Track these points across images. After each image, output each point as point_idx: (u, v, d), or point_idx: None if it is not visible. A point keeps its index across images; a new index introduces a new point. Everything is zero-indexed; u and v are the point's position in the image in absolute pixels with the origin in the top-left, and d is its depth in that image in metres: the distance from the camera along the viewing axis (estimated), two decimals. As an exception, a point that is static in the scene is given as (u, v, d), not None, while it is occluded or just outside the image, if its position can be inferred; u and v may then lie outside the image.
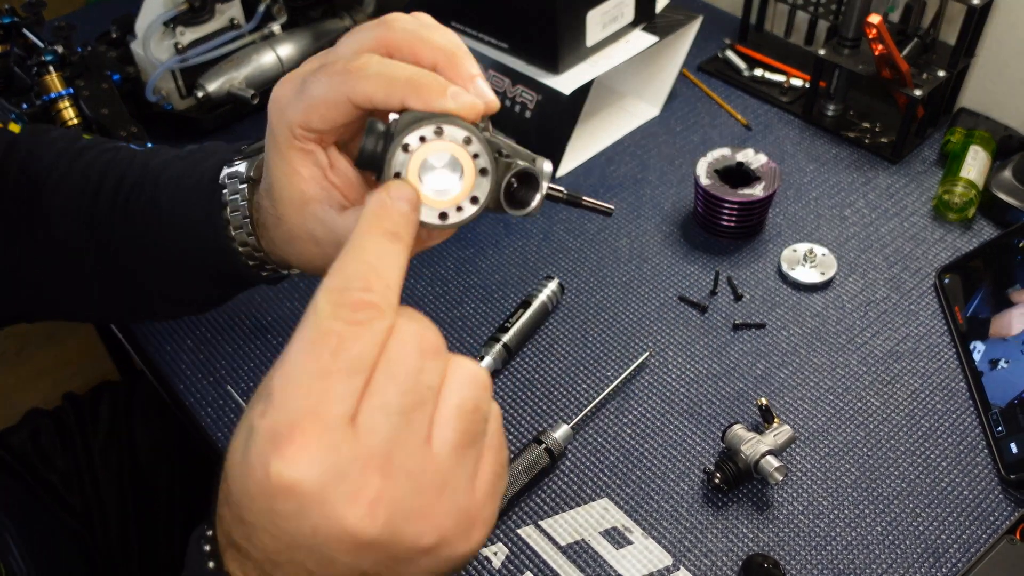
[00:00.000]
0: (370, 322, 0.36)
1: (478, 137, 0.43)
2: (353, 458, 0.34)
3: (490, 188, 0.43)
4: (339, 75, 0.45)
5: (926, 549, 0.72)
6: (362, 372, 0.35)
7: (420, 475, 0.36)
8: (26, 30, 1.04)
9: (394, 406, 0.35)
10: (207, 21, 1.08)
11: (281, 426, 0.34)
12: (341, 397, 0.35)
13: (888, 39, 0.93)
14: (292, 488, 0.34)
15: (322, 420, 0.34)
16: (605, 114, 1.13)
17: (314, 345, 0.35)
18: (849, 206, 1.00)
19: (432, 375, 0.37)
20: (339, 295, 0.36)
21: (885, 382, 0.84)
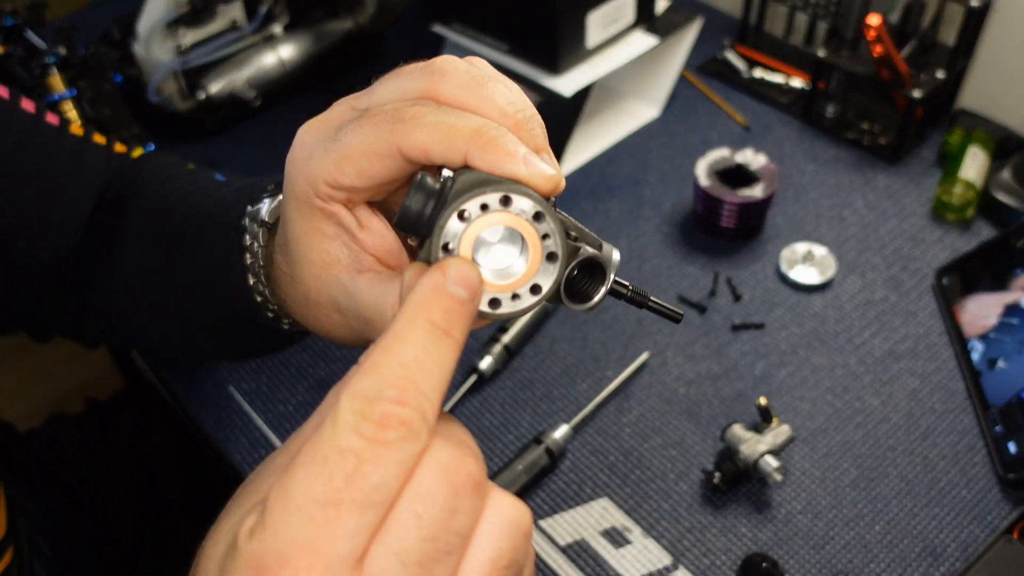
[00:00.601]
0: (399, 444, 0.29)
1: (551, 214, 0.35)
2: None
3: (556, 279, 0.36)
4: (387, 123, 0.37)
5: (924, 548, 0.72)
6: (380, 506, 0.29)
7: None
8: (29, 31, 1.04)
9: (413, 553, 0.29)
10: (208, 22, 1.08)
11: (270, 557, 0.28)
12: (350, 534, 0.29)
13: (887, 40, 0.93)
14: None
15: (322, 560, 0.28)
16: (605, 115, 1.14)
17: (327, 465, 0.29)
18: (848, 207, 1.00)
19: (465, 518, 0.31)
20: (366, 405, 0.30)
21: (884, 382, 0.84)
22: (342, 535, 0.28)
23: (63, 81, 1.01)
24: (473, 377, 0.85)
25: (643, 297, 0.42)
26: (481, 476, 0.31)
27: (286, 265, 0.46)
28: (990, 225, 0.97)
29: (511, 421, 0.83)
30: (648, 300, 0.42)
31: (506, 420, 0.83)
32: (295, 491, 0.29)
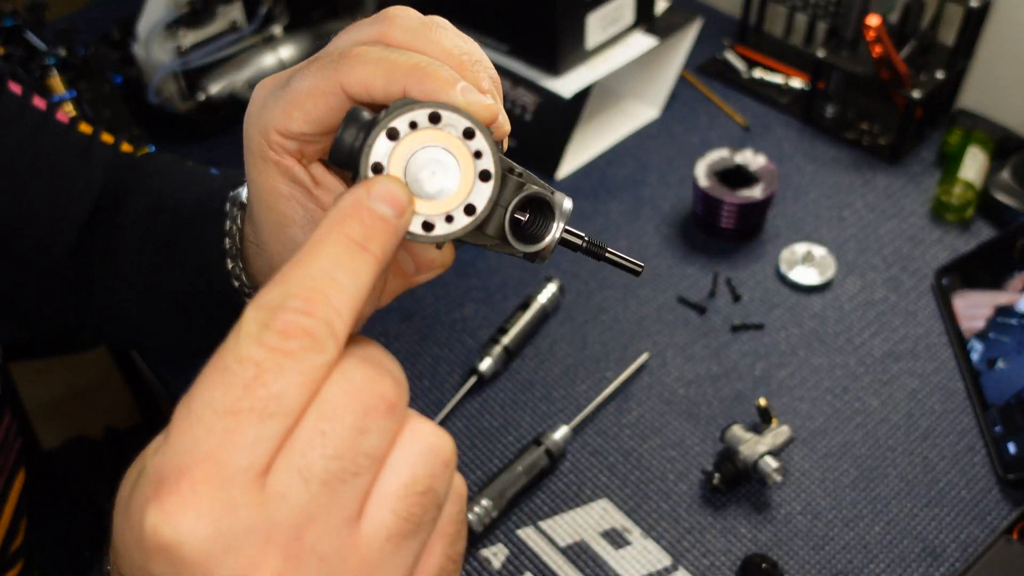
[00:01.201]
0: (302, 354, 0.28)
1: (483, 131, 0.34)
2: (252, 527, 0.27)
3: (490, 198, 0.34)
4: (331, 62, 0.38)
5: (924, 549, 0.72)
6: (280, 417, 0.28)
7: (338, 563, 0.29)
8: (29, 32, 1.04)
9: (317, 471, 0.28)
10: (208, 23, 1.08)
11: (168, 469, 0.27)
12: (248, 444, 0.28)
13: (887, 40, 0.93)
14: (169, 550, 0.27)
15: (220, 470, 0.27)
16: (605, 116, 1.14)
17: (226, 374, 0.28)
18: (848, 207, 1.00)
19: (377, 439, 0.29)
20: (269, 314, 0.29)
21: (883, 382, 0.84)
22: (240, 445, 0.27)
23: (63, 82, 1.01)
24: (473, 378, 0.85)
25: (600, 248, 0.41)
26: (397, 399, 0.31)
27: (252, 234, 0.46)
28: (990, 225, 0.97)
29: (511, 422, 0.83)
30: (605, 251, 0.41)
31: (506, 421, 0.83)
32: (195, 403, 0.28)
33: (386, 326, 0.91)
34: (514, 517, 0.76)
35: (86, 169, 0.66)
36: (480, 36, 1.04)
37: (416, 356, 0.88)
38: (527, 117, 1.06)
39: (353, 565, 0.29)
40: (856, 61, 1.03)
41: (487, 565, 0.73)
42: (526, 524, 0.76)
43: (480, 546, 0.75)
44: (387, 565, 0.30)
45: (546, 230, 0.38)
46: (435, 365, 0.88)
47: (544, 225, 0.38)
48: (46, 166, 0.65)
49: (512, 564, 0.73)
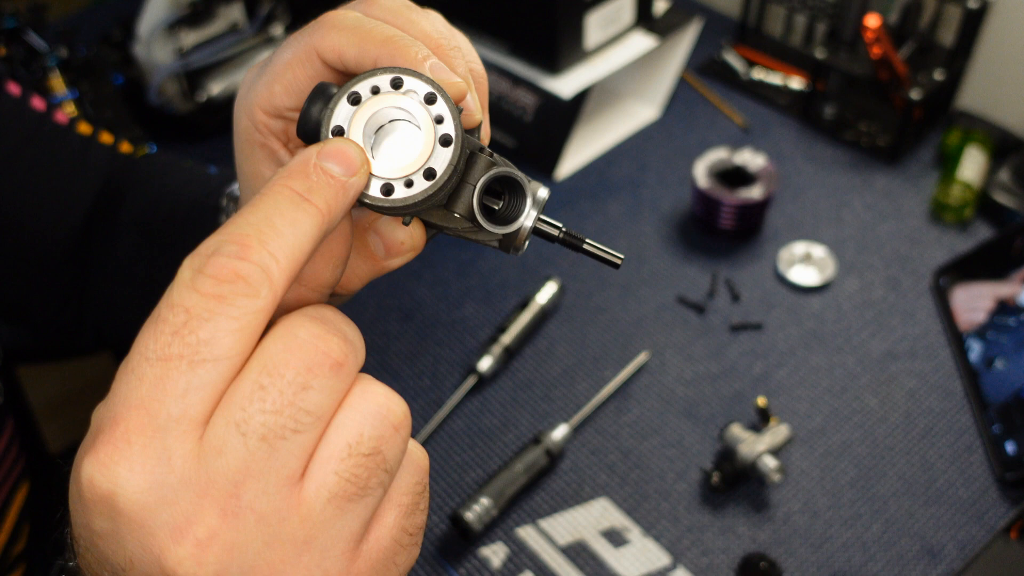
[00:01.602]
0: (234, 298, 0.28)
1: (445, 97, 0.33)
2: (187, 479, 0.27)
3: (451, 162, 0.33)
4: (308, 30, 0.38)
5: (922, 548, 0.73)
6: (212, 363, 0.27)
7: (277, 523, 0.28)
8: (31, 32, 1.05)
9: (255, 425, 0.27)
10: (209, 24, 1.08)
11: (104, 419, 0.27)
12: (180, 392, 0.27)
13: (886, 41, 0.93)
14: (105, 500, 0.27)
15: (152, 418, 0.27)
16: (604, 116, 1.14)
17: (157, 322, 0.27)
18: (846, 207, 1.01)
19: (319, 397, 0.28)
20: (202, 260, 0.28)
21: (882, 382, 0.84)
22: (172, 393, 0.27)
23: (64, 83, 1.01)
24: (473, 378, 0.85)
25: (577, 239, 0.40)
26: (344, 358, 0.29)
27: None
28: (988, 225, 0.97)
29: (510, 421, 0.83)
30: (583, 242, 0.40)
31: (505, 421, 0.83)
32: (131, 354, 0.28)
33: (386, 326, 0.91)
34: (514, 516, 0.76)
35: (84, 170, 0.67)
36: (480, 36, 1.05)
37: (416, 356, 0.89)
38: (527, 117, 1.06)
39: (293, 526, 0.28)
40: (855, 62, 1.03)
41: (487, 564, 0.74)
42: (526, 523, 0.76)
43: (480, 545, 0.75)
44: (330, 528, 0.29)
45: (519, 215, 0.38)
46: (435, 364, 0.88)
47: (517, 210, 0.38)
48: (44, 167, 0.65)
49: (512, 563, 0.74)
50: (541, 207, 0.38)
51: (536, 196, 0.38)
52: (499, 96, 1.09)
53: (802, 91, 1.14)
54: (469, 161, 0.36)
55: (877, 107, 1.10)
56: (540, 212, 0.38)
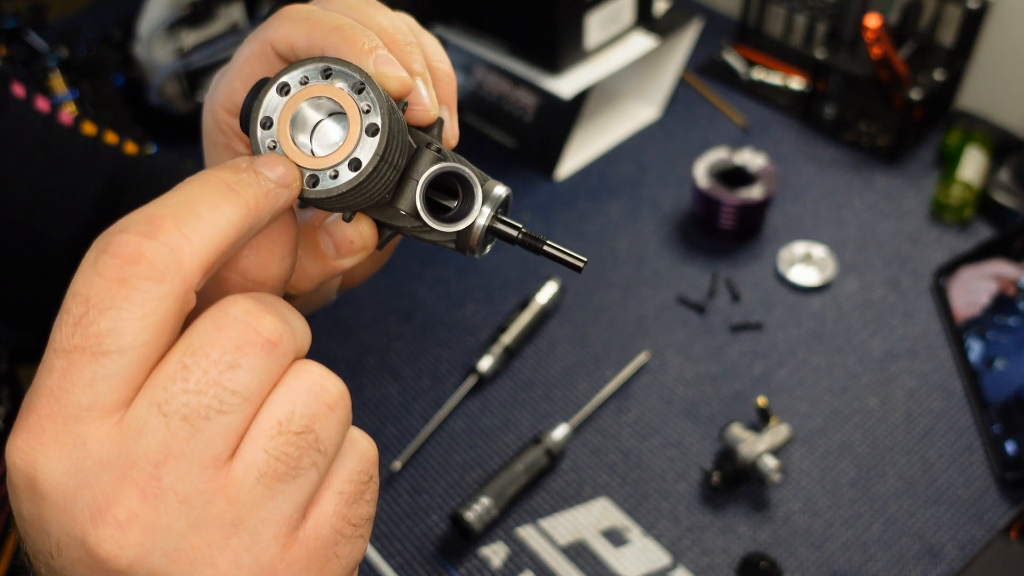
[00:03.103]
0: (137, 282, 0.26)
1: (373, 87, 0.32)
2: (105, 462, 0.26)
3: (376, 152, 0.32)
4: (262, 26, 0.38)
5: (923, 547, 0.73)
6: (117, 354, 0.26)
7: (201, 505, 0.27)
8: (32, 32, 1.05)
9: (177, 405, 0.27)
10: (209, 24, 1.08)
11: (22, 408, 0.27)
12: (86, 383, 0.26)
13: (886, 41, 0.94)
14: (29, 486, 0.27)
15: (61, 407, 0.26)
16: (604, 116, 1.14)
17: (62, 312, 0.27)
18: (847, 207, 1.01)
19: (248, 377, 0.27)
20: (108, 239, 0.27)
21: (882, 382, 0.84)
22: (78, 384, 0.26)
23: (65, 83, 1.01)
24: (473, 378, 0.85)
25: (537, 240, 0.38)
26: (278, 337, 0.28)
27: None
28: (988, 225, 0.97)
29: (511, 421, 0.83)
30: (544, 244, 0.38)
31: (506, 420, 0.83)
32: (49, 343, 0.27)
33: (386, 326, 0.91)
34: (514, 516, 0.76)
35: (91, 172, 0.67)
36: (480, 36, 1.05)
37: (416, 356, 0.89)
38: (527, 117, 1.07)
39: (220, 508, 0.27)
40: (855, 62, 1.03)
41: (487, 563, 0.74)
42: (526, 523, 0.76)
43: (480, 544, 0.75)
44: (260, 510, 0.27)
45: (468, 208, 0.36)
46: (435, 364, 0.88)
47: (469, 209, 0.36)
48: (51, 169, 0.65)
49: (512, 562, 0.74)
50: (497, 205, 0.37)
51: (492, 195, 0.37)
52: (499, 96, 1.09)
53: (802, 91, 1.14)
54: (415, 156, 0.35)
55: (877, 107, 1.10)
56: (498, 211, 0.37)
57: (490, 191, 0.37)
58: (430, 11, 1.08)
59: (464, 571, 0.73)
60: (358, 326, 0.90)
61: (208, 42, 1.09)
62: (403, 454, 0.80)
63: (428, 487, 0.79)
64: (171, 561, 0.27)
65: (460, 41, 1.06)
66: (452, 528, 0.75)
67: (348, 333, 0.89)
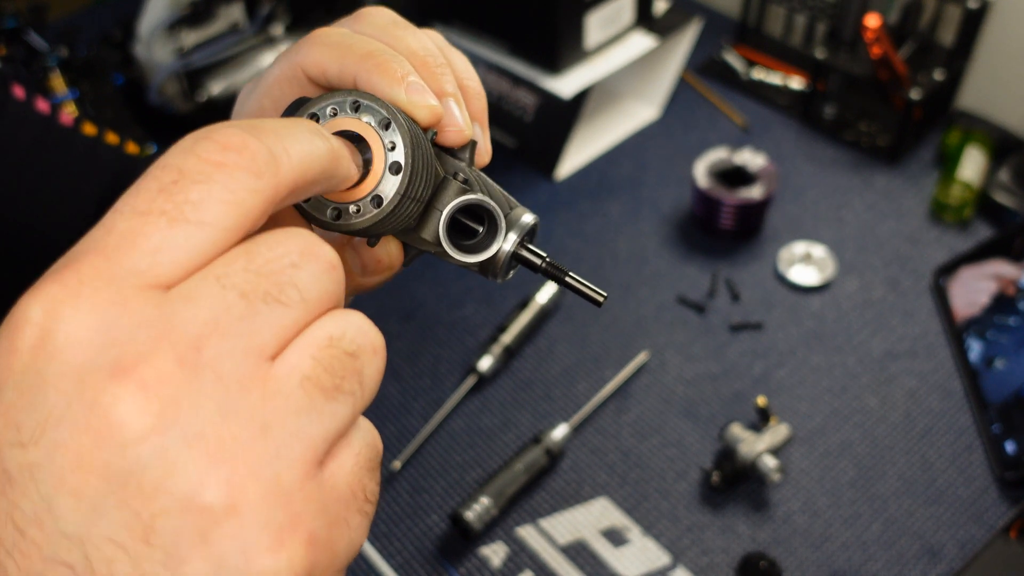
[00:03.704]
0: (232, 169, 0.25)
1: (399, 123, 0.33)
2: (145, 321, 0.23)
3: (398, 191, 0.33)
4: (295, 47, 0.38)
5: (922, 547, 0.73)
6: (193, 225, 0.24)
7: (238, 392, 0.24)
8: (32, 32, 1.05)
9: (237, 280, 0.24)
10: (209, 24, 1.08)
11: (62, 260, 0.24)
12: (150, 247, 0.24)
13: (886, 41, 0.94)
14: (40, 342, 0.23)
15: (109, 265, 0.23)
16: (604, 116, 1.14)
17: (144, 179, 0.25)
18: (846, 207, 1.01)
19: (308, 279, 0.26)
20: (210, 129, 0.26)
21: (882, 381, 0.84)
22: (140, 246, 0.24)
23: (65, 83, 1.01)
24: (473, 377, 0.85)
25: (560, 271, 0.38)
26: (338, 264, 0.27)
27: None
28: (988, 225, 0.97)
29: (511, 421, 0.83)
30: (566, 275, 0.38)
31: (506, 420, 0.83)
32: (109, 212, 0.25)
33: (386, 326, 0.91)
34: (514, 515, 0.76)
35: (92, 173, 0.67)
36: (480, 36, 1.05)
37: (416, 355, 0.89)
38: (527, 117, 1.07)
39: (253, 403, 0.24)
40: (855, 62, 1.03)
41: (487, 563, 0.74)
42: (526, 522, 0.76)
43: (480, 544, 0.75)
44: (292, 421, 0.25)
45: (490, 241, 0.37)
46: (435, 364, 0.88)
47: (492, 238, 0.37)
48: (51, 170, 0.65)
49: (512, 562, 0.74)
50: (523, 233, 0.37)
51: (519, 222, 0.37)
52: (499, 96, 1.09)
53: (802, 91, 1.14)
54: (441, 186, 0.36)
55: (877, 107, 1.10)
56: (524, 238, 0.37)
57: (517, 219, 0.37)
58: (430, 11, 1.08)
59: (464, 571, 0.73)
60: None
61: (208, 42, 1.09)
62: (403, 454, 0.80)
63: (428, 487, 0.79)
64: (187, 446, 0.23)
65: (460, 41, 1.06)
66: (452, 528, 0.75)
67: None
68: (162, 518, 0.23)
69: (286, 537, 0.24)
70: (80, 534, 0.22)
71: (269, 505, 0.24)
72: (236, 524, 0.23)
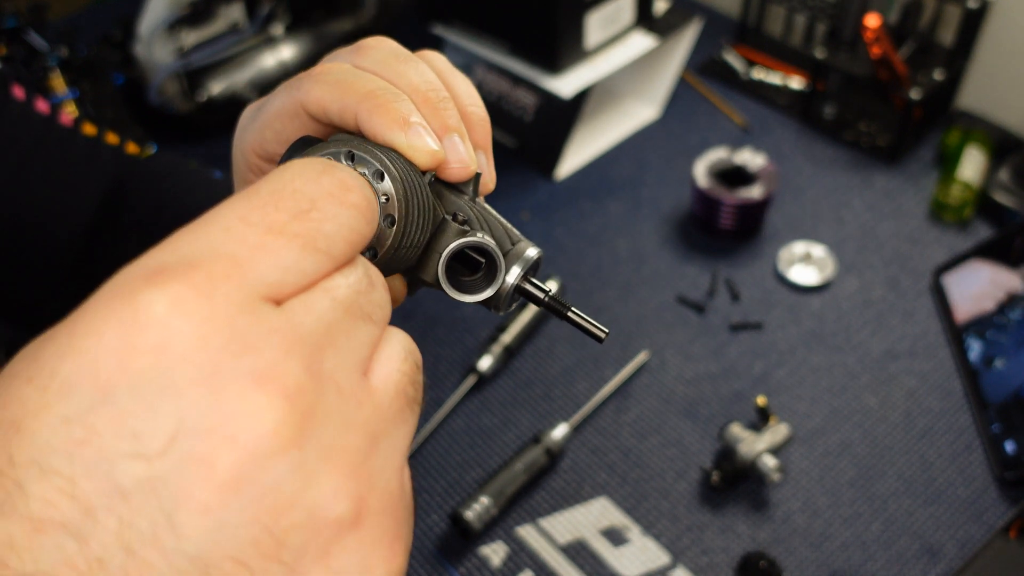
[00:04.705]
0: (354, 209, 0.27)
1: (393, 175, 0.33)
2: (275, 328, 0.23)
3: (391, 244, 0.33)
4: (297, 82, 0.38)
5: (922, 547, 0.73)
6: (324, 256, 0.25)
7: (354, 405, 0.25)
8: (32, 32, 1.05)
9: (342, 296, 0.26)
10: (209, 24, 1.08)
11: (172, 260, 0.23)
12: (282, 265, 0.24)
13: (885, 41, 0.94)
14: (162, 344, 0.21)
15: (241, 272, 0.23)
16: (604, 115, 1.14)
17: (273, 195, 0.25)
18: (846, 207, 1.01)
19: (382, 300, 0.28)
20: (325, 166, 0.28)
21: (882, 381, 0.84)
22: (273, 261, 0.24)
23: (65, 82, 1.01)
24: (473, 377, 0.85)
25: (562, 307, 0.38)
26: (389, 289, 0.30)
27: None
28: (988, 225, 0.97)
29: (510, 421, 0.83)
30: (568, 311, 0.38)
31: (505, 420, 0.83)
32: (222, 214, 0.24)
33: (386, 325, 0.91)
34: (513, 515, 0.77)
35: (92, 172, 0.67)
36: (480, 36, 1.05)
37: (416, 355, 0.89)
38: (527, 117, 1.07)
39: (367, 415, 0.25)
40: (855, 62, 1.03)
41: (487, 562, 0.74)
42: (525, 522, 0.76)
43: (480, 544, 0.75)
44: (393, 432, 0.26)
45: (491, 283, 0.37)
46: (435, 364, 0.88)
47: (492, 277, 0.37)
48: (52, 171, 0.65)
49: (511, 562, 0.74)
50: (527, 267, 0.37)
51: (523, 256, 0.37)
52: (499, 96, 1.09)
53: (802, 91, 1.14)
54: (440, 228, 0.36)
55: (877, 107, 1.10)
56: (527, 272, 0.38)
57: (521, 253, 0.38)
58: (430, 11, 1.08)
59: (464, 570, 0.73)
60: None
61: (208, 42, 1.09)
62: (403, 453, 0.80)
63: (428, 486, 0.79)
64: (324, 459, 0.23)
65: (460, 41, 1.06)
66: (452, 527, 0.75)
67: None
68: (293, 533, 0.22)
69: (397, 547, 0.25)
70: (203, 554, 0.21)
71: (385, 516, 0.24)
72: (357, 537, 0.23)
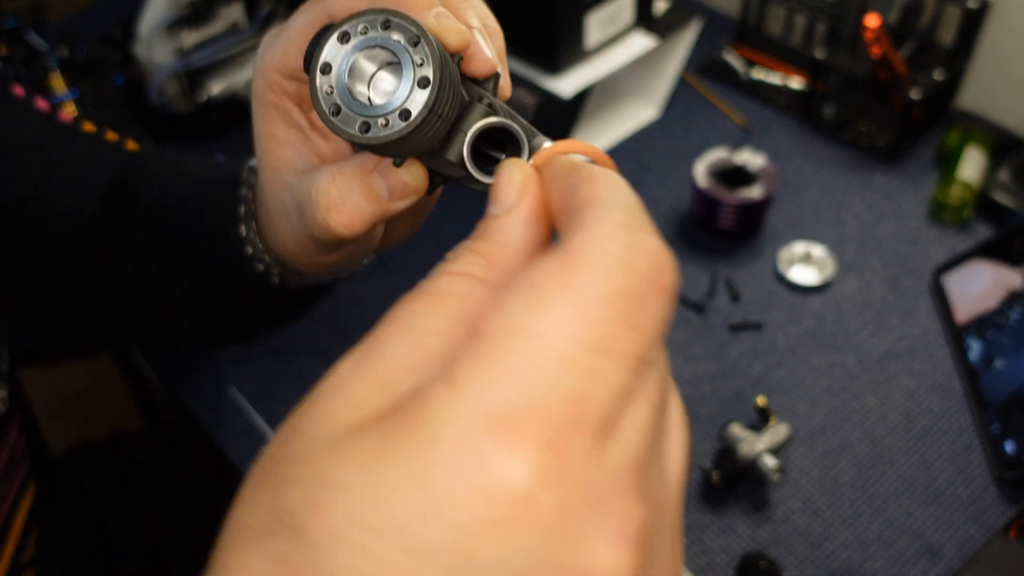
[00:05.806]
0: (672, 292, 0.24)
1: (427, 41, 0.34)
2: (617, 474, 0.22)
3: (426, 104, 0.33)
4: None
5: (922, 547, 0.73)
6: (649, 367, 0.23)
7: (667, 513, 0.25)
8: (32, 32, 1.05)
9: (657, 402, 0.24)
10: (209, 24, 1.08)
11: (512, 407, 0.21)
12: (614, 395, 0.22)
13: (885, 41, 0.94)
14: (511, 514, 0.20)
15: (582, 412, 0.21)
16: (604, 115, 1.14)
17: (600, 304, 0.22)
18: (846, 207, 1.01)
19: (677, 408, 0.28)
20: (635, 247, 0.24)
21: (881, 381, 0.84)
22: (606, 394, 0.22)
23: (65, 82, 1.01)
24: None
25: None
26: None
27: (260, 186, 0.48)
28: (988, 225, 0.97)
29: (510, 421, 0.83)
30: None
31: (505, 420, 0.83)
32: (540, 328, 0.21)
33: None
34: (513, 515, 0.76)
35: (92, 168, 0.67)
36: (480, 36, 1.05)
37: (416, 355, 0.88)
38: (527, 117, 1.07)
39: (670, 519, 0.25)
40: (855, 62, 1.03)
41: (487, 563, 0.74)
42: (525, 522, 0.76)
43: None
44: (678, 531, 0.26)
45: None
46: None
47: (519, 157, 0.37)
48: (52, 168, 0.65)
49: (511, 562, 0.74)
50: None
51: (544, 148, 0.37)
52: (499, 96, 1.09)
53: (802, 91, 1.14)
54: (466, 109, 0.37)
55: (877, 107, 1.10)
56: None
57: (538, 146, 0.38)
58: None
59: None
60: (358, 326, 0.90)
61: (208, 42, 1.09)
62: (403, 453, 0.80)
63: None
64: (663, 571, 0.23)
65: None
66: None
67: (348, 333, 0.89)
68: None
69: None
70: None
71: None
72: None
